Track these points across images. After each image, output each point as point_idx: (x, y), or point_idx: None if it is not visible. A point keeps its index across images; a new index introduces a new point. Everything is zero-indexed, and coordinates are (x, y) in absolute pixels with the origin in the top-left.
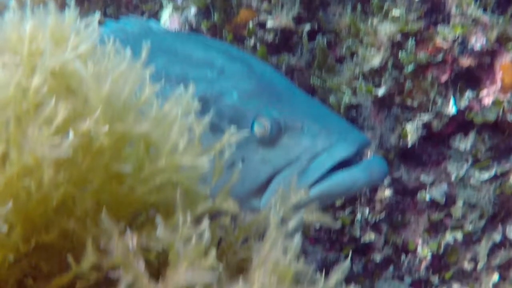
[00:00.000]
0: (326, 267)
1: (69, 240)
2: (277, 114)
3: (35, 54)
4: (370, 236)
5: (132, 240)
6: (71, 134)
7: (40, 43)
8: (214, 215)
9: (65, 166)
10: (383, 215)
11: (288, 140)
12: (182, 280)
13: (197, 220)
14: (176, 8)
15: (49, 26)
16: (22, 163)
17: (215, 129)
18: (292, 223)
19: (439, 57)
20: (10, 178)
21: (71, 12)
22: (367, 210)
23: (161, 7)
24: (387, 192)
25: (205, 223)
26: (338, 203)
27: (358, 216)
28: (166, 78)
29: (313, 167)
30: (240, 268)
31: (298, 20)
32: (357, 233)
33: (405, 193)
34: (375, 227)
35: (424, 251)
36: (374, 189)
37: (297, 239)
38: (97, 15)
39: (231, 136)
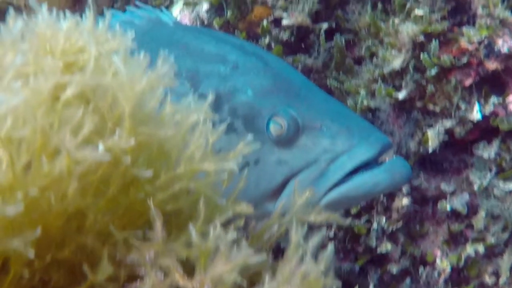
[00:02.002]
0: (340, 279)
1: (83, 253)
2: (295, 112)
3: (69, 52)
4: (386, 247)
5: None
6: (100, 147)
7: (76, 43)
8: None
9: (84, 175)
10: (400, 224)
11: (306, 140)
12: (220, 271)
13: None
14: (187, 4)
15: (87, 29)
16: (54, 172)
17: (228, 128)
18: (317, 237)
19: (464, 60)
20: (41, 188)
21: (107, 15)
22: (383, 219)
23: (171, 2)
24: (405, 201)
25: (232, 233)
26: (354, 211)
27: (374, 225)
28: (176, 73)
29: (332, 169)
30: (252, 283)
31: (316, 18)
32: (373, 243)
33: (424, 202)
34: (392, 237)
35: (443, 263)
36: (391, 197)
37: (330, 248)
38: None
39: (245, 146)
